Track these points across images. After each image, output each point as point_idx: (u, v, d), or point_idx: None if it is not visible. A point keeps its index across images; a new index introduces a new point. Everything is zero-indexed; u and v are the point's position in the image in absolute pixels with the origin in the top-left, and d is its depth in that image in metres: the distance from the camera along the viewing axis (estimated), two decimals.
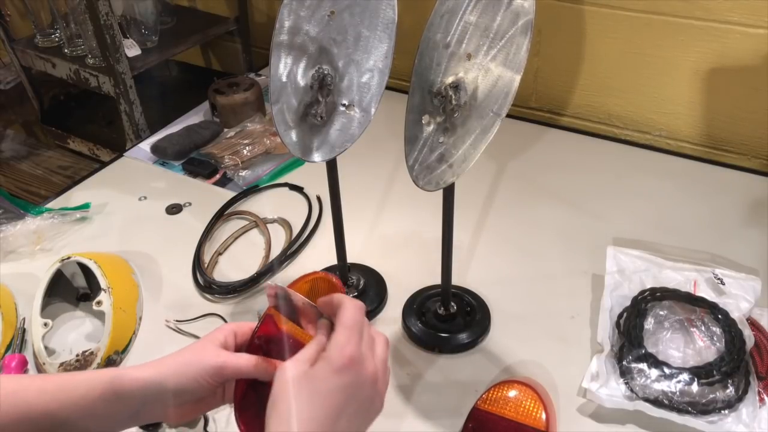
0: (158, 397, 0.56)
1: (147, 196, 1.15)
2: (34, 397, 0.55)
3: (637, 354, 0.77)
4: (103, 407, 0.56)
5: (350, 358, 0.51)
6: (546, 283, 0.94)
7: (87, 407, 0.55)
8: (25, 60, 1.48)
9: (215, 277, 0.97)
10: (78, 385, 0.56)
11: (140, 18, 1.38)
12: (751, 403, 0.73)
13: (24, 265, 1.01)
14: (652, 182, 1.12)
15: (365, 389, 0.52)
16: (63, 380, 0.57)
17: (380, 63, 0.70)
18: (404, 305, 0.90)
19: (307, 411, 0.49)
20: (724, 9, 1.07)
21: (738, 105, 1.15)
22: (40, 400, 0.55)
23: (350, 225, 0.87)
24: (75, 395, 0.56)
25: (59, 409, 0.55)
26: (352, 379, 0.51)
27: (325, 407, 0.49)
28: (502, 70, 0.67)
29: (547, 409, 0.70)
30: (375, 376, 0.53)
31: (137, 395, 0.56)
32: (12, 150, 1.67)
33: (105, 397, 0.55)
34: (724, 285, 0.84)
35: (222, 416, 0.77)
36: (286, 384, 0.50)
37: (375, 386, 0.53)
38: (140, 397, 0.56)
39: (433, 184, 0.69)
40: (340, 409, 0.50)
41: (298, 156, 0.75)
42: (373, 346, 0.55)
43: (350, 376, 0.51)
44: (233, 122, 1.29)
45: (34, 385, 0.57)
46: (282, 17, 0.72)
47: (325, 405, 0.49)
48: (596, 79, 1.26)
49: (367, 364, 0.52)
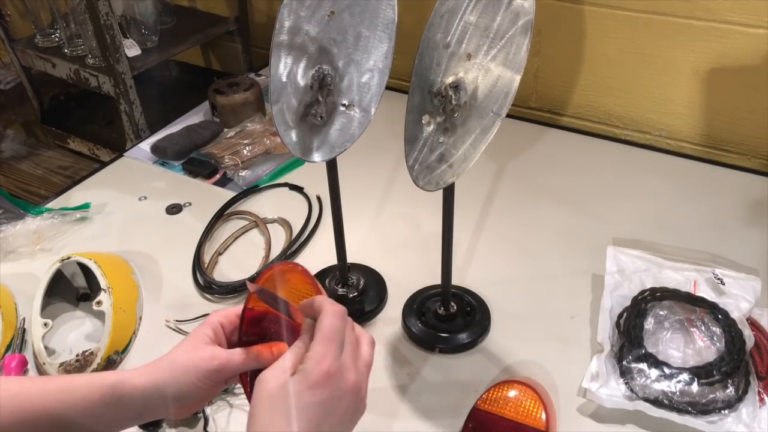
0: (159, 402, 0.56)
1: (147, 196, 1.15)
2: (36, 399, 0.56)
3: (637, 354, 0.77)
4: (104, 410, 0.56)
5: (327, 373, 0.49)
6: (546, 283, 0.94)
7: (88, 409, 0.55)
8: (25, 60, 1.48)
9: (215, 277, 0.97)
10: (79, 387, 0.56)
11: (140, 18, 1.38)
12: (751, 403, 0.73)
13: (24, 265, 1.01)
14: (652, 182, 1.12)
15: (345, 400, 0.51)
16: (64, 382, 0.57)
17: (380, 63, 0.70)
18: (404, 305, 0.90)
19: (285, 427, 0.48)
20: (724, 9, 1.07)
21: (738, 105, 1.15)
22: (42, 402, 0.55)
23: (350, 225, 0.87)
24: (76, 397, 0.56)
25: (61, 410, 0.55)
26: (330, 393, 0.50)
27: (303, 422, 0.48)
28: (502, 70, 0.67)
29: (547, 409, 0.70)
30: (357, 386, 0.52)
31: (137, 402, 0.55)
32: (12, 150, 1.67)
33: (106, 401, 0.55)
34: (724, 285, 0.84)
35: (222, 416, 0.77)
36: (263, 398, 0.49)
37: (358, 395, 0.52)
38: (141, 403, 0.56)
39: (433, 184, 0.69)
40: (319, 423, 0.49)
41: (298, 156, 0.75)
42: (356, 350, 0.53)
43: (328, 391, 0.49)
44: (233, 122, 1.29)
45: (35, 386, 0.57)
46: (282, 17, 0.72)
47: (302, 420, 0.48)
48: (596, 79, 1.26)
49: (347, 376, 0.51)
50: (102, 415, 0.56)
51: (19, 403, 0.55)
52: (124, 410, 0.56)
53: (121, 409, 0.56)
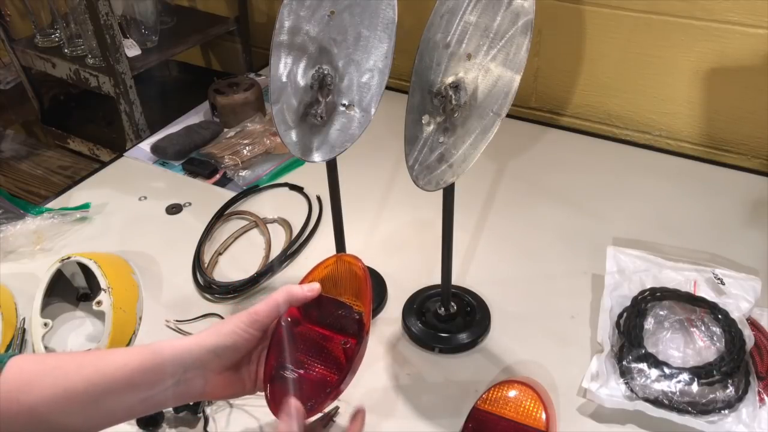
0: (198, 362, 0.58)
1: (147, 196, 1.15)
2: (74, 370, 0.57)
3: (637, 354, 0.77)
4: (142, 376, 0.57)
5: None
6: (546, 283, 0.94)
7: (126, 376, 0.57)
8: (25, 60, 1.48)
9: (215, 277, 0.97)
10: (118, 355, 0.58)
11: (140, 18, 1.38)
12: (751, 403, 0.73)
13: (24, 265, 1.00)
14: (652, 182, 1.12)
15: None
16: (102, 352, 0.60)
17: (380, 63, 0.70)
18: (404, 305, 0.90)
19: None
20: (724, 9, 1.07)
21: (738, 105, 1.15)
22: (80, 372, 0.57)
23: (350, 225, 0.87)
24: (116, 363, 0.57)
25: (98, 378, 0.56)
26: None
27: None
28: (502, 70, 0.67)
29: (547, 409, 0.70)
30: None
31: (178, 361, 0.58)
32: (12, 150, 1.67)
33: (145, 366, 0.57)
34: (724, 285, 0.84)
35: (222, 416, 0.77)
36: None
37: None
38: (180, 363, 0.58)
39: (433, 184, 0.69)
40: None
41: (298, 156, 0.75)
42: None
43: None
44: (233, 122, 1.29)
45: (74, 359, 0.58)
46: (282, 17, 0.72)
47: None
48: (596, 79, 1.26)
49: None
50: (140, 382, 0.57)
51: (58, 375, 0.56)
52: (163, 374, 0.57)
53: (160, 373, 0.57)
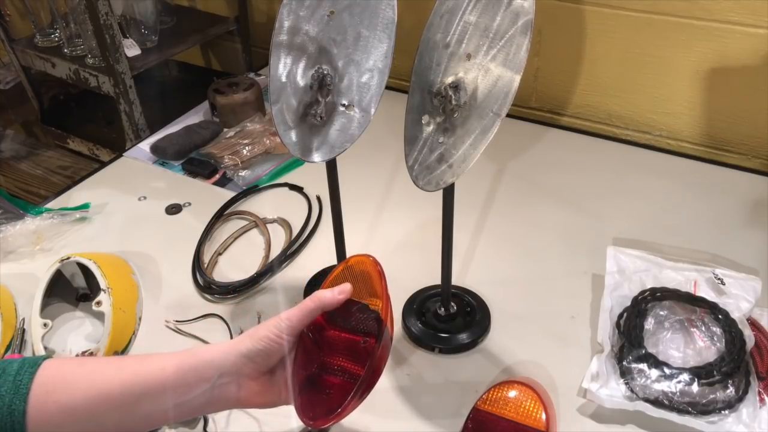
0: (233, 367, 0.58)
1: (147, 196, 1.15)
2: (112, 373, 0.57)
3: (638, 354, 0.77)
4: (177, 380, 0.57)
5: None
6: (546, 283, 0.94)
7: (162, 379, 0.57)
8: (24, 60, 1.47)
9: (215, 277, 0.97)
10: (153, 361, 0.58)
11: (140, 18, 1.38)
12: (751, 403, 0.73)
13: (24, 265, 1.00)
14: (652, 182, 1.12)
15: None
16: (138, 358, 0.60)
17: (380, 63, 0.70)
18: (404, 305, 0.90)
19: None
20: (724, 9, 1.07)
21: (738, 105, 1.15)
22: (118, 375, 0.57)
23: (350, 225, 0.87)
24: (150, 369, 0.58)
25: (136, 383, 0.57)
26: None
27: None
28: (502, 70, 0.67)
29: (547, 410, 0.70)
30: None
31: (214, 364, 0.58)
32: (12, 150, 1.67)
33: (182, 371, 0.57)
34: (724, 285, 0.84)
35: (222, 416, 0.77)
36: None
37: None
38: (216, 367, 0.58)
39: (433, 184, 0.69)
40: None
41: (297, 156, 0.75)
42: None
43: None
44: (233, 122, 1.29)
45: (112, 364, 0.59)
46: (281, 17, 0.72)
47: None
48: (596, 79, 1.26)
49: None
50: (176, 386, 0.57)
51: (96, 377, 0.57)
52: (198, 378, 0.58)
53: (196, 377, 0.58)
